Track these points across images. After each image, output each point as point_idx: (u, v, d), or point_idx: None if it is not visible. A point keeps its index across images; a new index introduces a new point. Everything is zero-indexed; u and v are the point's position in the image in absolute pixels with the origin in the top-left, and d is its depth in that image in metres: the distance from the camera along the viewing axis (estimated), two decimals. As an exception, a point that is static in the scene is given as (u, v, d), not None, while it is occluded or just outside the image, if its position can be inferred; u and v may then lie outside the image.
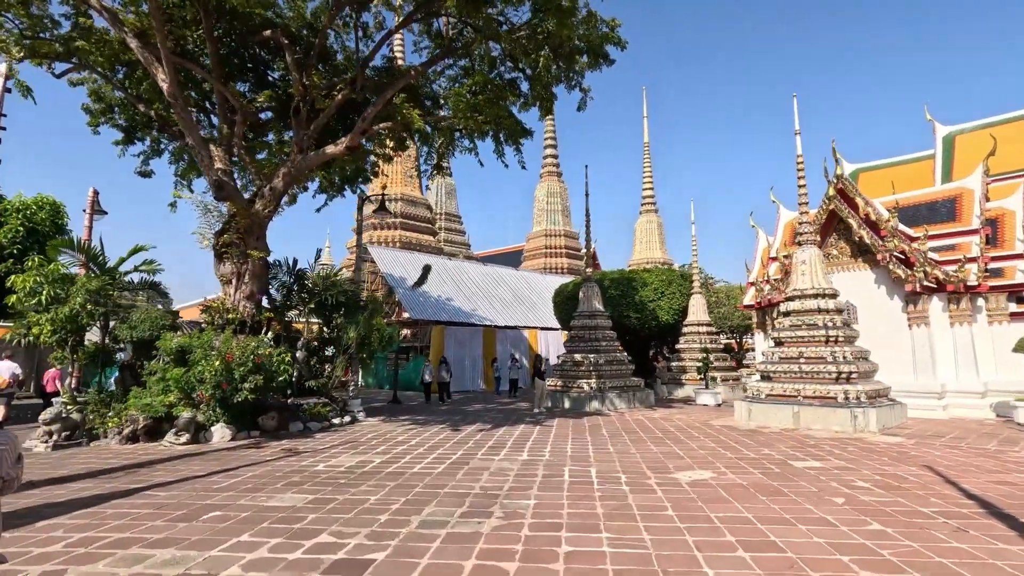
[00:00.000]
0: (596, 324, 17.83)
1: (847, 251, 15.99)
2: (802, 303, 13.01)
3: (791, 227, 19.06)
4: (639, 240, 59.52)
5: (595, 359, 17.07)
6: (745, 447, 9.63)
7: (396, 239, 41.55)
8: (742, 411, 13.01)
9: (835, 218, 16.08)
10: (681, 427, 12.41)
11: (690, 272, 23.95)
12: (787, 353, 12.83)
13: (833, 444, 9.84)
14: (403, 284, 28.16)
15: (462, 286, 31.38)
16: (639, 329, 23.56)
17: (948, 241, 15.39)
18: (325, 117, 12.69)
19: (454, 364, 25.00)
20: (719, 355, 22.14)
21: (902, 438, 10.45)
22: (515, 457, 8.82)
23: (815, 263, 13.16)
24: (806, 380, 12.29)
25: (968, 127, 23.83)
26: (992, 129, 22.40)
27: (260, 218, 12.53)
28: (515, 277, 36.90)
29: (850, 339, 12.58)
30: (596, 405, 16.13)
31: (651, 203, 60.14)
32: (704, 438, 10.74)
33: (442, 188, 62.19)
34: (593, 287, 18.51)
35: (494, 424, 13.04)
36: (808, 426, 11.73)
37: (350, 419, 13.47)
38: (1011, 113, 22.89)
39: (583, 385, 16.68)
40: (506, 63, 15.90)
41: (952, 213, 15.89)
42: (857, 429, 11.08)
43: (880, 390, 12.16)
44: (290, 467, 8.14)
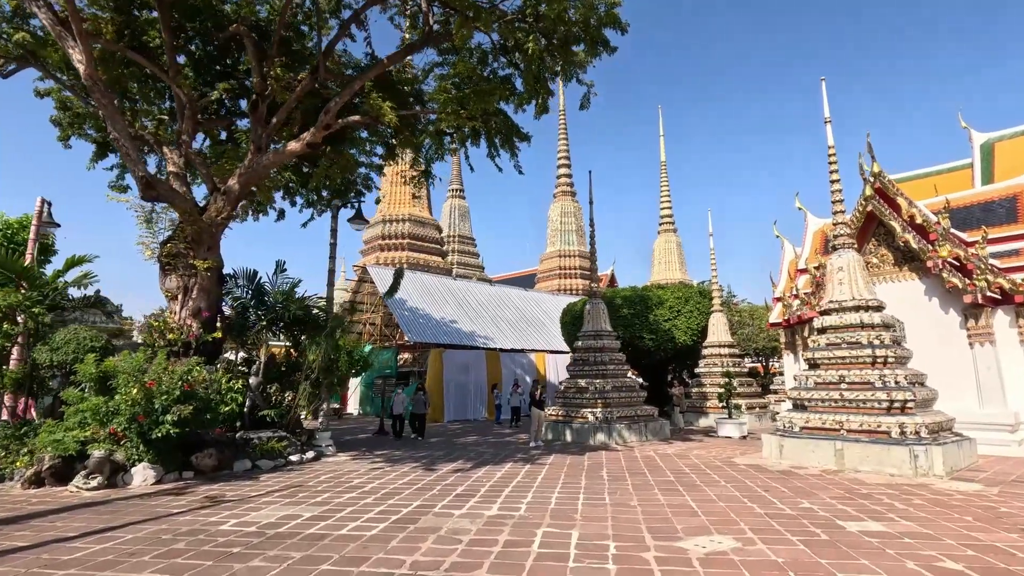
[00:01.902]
0: (603, 345, 15.90)
1: (889, 259, 13.89)
2: (841, 317, 10.96)
3: (821, 234, 17.03)
4: (657, 261, 57.45)
5: (601, 385, 15.09)
6: (778, 497, 7.59)
7: (403, 260, 40.26)
8: (772, 447, 10.90)
9: (874, 221, 14.04)
10: (698, 467, 10.35)
11: (709, 288, 21.92)
12: (824, 377, 10.75)
13: (892, 494, 7.72)
14: (403, 305, 26.61)
15: (466, 307, 29.73)
16: (654, 351, 21.46)
17: (1010, 246, 13.22)
18: (285, 111, 11.30)
19: (454, 391, 23.17)
20: (743, 380, 19.92)
21: (980, 485, 8.27)
22: (482, 511, 6.94)
23: (855, 270, 11.14)
24: (850, 410, 10.17)
25: (1008, 133, 21.78)
26: (1029, 137, 20.43)
27: (212, 225, 11.07)
28: (523, 297, 35.15)
29: (902, 360, 10.46)
30: (602, 438, 14.10)
31: (669, 222, 58.21)
32: (726, 482, 8.70)
33: (455, 210, 61.30)
34: (599, 304, 16.64)
35: (477, 462, 11.14)
36: (855, 467, 9.58)
37: (314, 455, 11.70)
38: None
39: (587, 415, 14.69)
40: (499, 58, 14.49)
41: (1013, 213, 13.74)
42: (919, 472, 8.91)
43: (943, 423, 9.97)
44: (191, 525, 6.39)
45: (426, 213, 44.37)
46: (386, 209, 43.27)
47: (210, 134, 15.26)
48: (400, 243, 41.56)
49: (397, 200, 43.71)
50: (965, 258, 12.48)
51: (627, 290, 23.77)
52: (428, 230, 43.50)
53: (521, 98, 13.72)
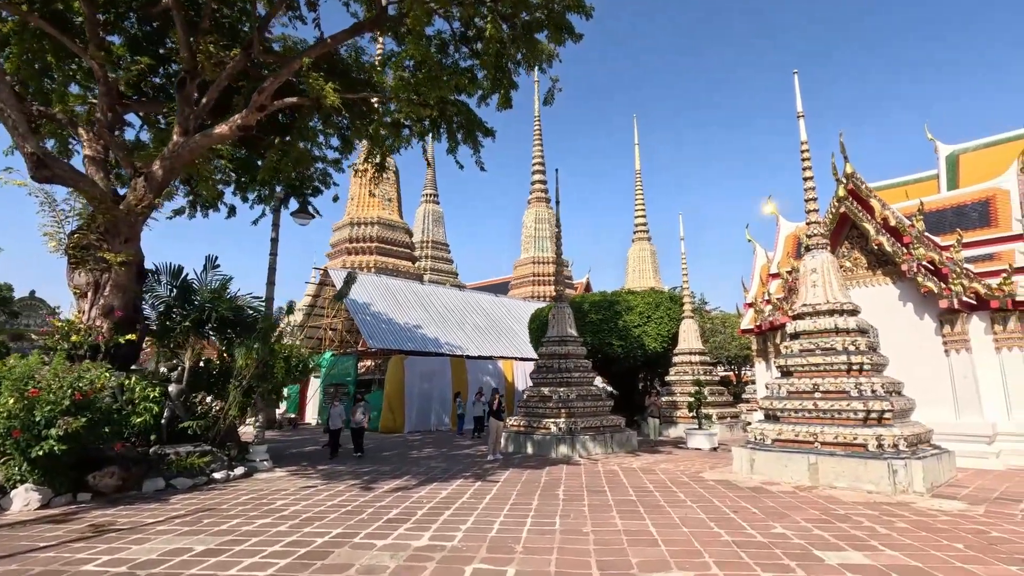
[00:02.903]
0: (568, 352, 15.05)
1: (863, 262, 13.38)
2: (814, 321, 10.30)
3: (793, 239, 16.54)
4: (632, 269, 57.13)
5: (565, 393, 14.22)
6: (748, 520, 6.77)
7: (371, 264, 39.02)
8: (743, 461, 10.14)
9: (847, 223, 13.54)
10: (664, 483, 9.52)
11: (680, 294, 21.32)
12: (797, 386, 10.05)
13: (872, 515, 6.98)
14: (367, 310, 25.43)
15: (433, 312, 28.66)
16: (623, 358, 20.75)
17: (984, 250, 12.82)
18: (216, 90, 10.22)
19: (417, 399, 22.05)
20: (715, 389, 19.31)
21: (963, 503, 7.60)
22: (409, 541, 5.96)
23: (829, 271, 10.51)
24: (824, 421, 9.47)
25: (972, 146, 21.93)
26: (997, 148, 20.50)
27: (129, 214, 9.89)
28: (494, 303, 34.22)
29: (879, 367, 9.82)
30: (565, 451, 13.21)
31: (643, 230, 57.99)
32: (692, 502, 7.87)
33: (429, 216, 60.24)
34: (565, 309, 15.80)
35: (424, 479, 10.12)
36: (830, 483, 8.86)
37: (244, 472, 10.54)
38: (1017, 131, 20.85)
39: (550, 425, 13.78)
40: (460, 49, 13.65)
41: (986, 217, 13.36)
42: (898, 489, 8.22)
43: (921, 434, 9.34)
44: (47, 564, 5.26)
45: (396, 216, 43.22)
46: (355, 211, 42.01)
47: (147, 119, 14.05)
48: (368, 247, 40.33)
49: (366, 202, 42.50)
50: (940, 262, 12.01)
51: (596, 295, 23.08)
52: (398, 234, 42.33)
53: (480, 86, 12.91)
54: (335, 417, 13.19)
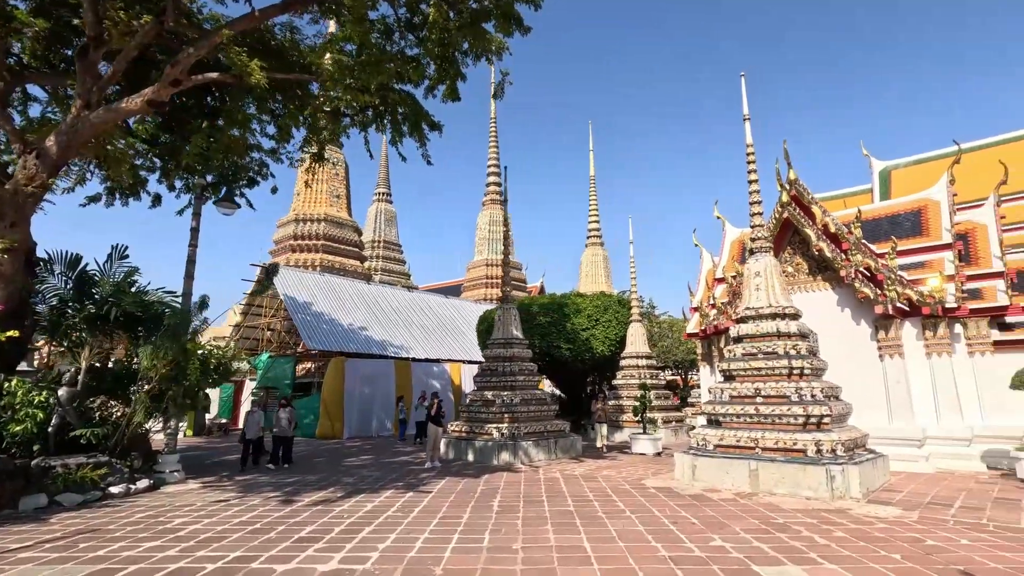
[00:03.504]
0: (513, 354, 14.58)
1: (804, 268, 13.53)
2: (757, 325, 10.20)
3: (739, 244, 16.66)
4: (584, 273, 57.58)
5: (509, 398, 13.72)
6: (687, 532, 6.44)
7: (316, 263, 37.50)
8: (684, 467, 9.90)
9: (789, 229, 13.67)
10: (604, 492, 9.15)
11: (629, 298, 21.25)
12: (740, 390, 9.92)
13: (810, 524, 6.78)
14: (308, 310, 24.22)
15: (379, 313, 27.67)
16: (571, 362, 20.47)
17: (916, 258, 13.16)
18: (124, 60, 9.20)
19: (357, 404, 21.05)
20: (660, 393, 19.28)
21: (899, 509, 7.54)
22: (314, 566, 5.29)
23: (772, 275, 10.46)
24: (765, 426, 9.35)
25: (903, 162, 23.16)
26: (925, 165, 21.64)
27: (16, 194, 8.74)
28: (444, 304, 33.47)
29: (818, 372, 9.80)
30: (506, 457, 12.70)
31: (597, 235, 58.59)
32: (631, 512, 7.50)
33: (381, 215, 58.84)
34: (511, 310, 15.33)
35: (350, 491, 9.38)
36: (770, 490, 8.71)
37: (149, 485, 9.50)
38: (943, 149, 22.02)
39: (492, 431, 13.25)
40: (406, 36, 13.00)
41: (918, 227, 13.77)
42: (836, 495, 8.12)
43: (858, 439, 9.35)
44: None
45: (345, 214, 41.79)
46: (301, 207, 40.37)
47: (56, 96, 12.71)
48: (314, 244, 38.79)
49: (313, 198, 40.95)
50: (876, 269, 12.22)
51: (545, 297, 22.78)
52: (346, 232, 40.92)
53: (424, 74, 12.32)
54: (252, 425, 12.02)
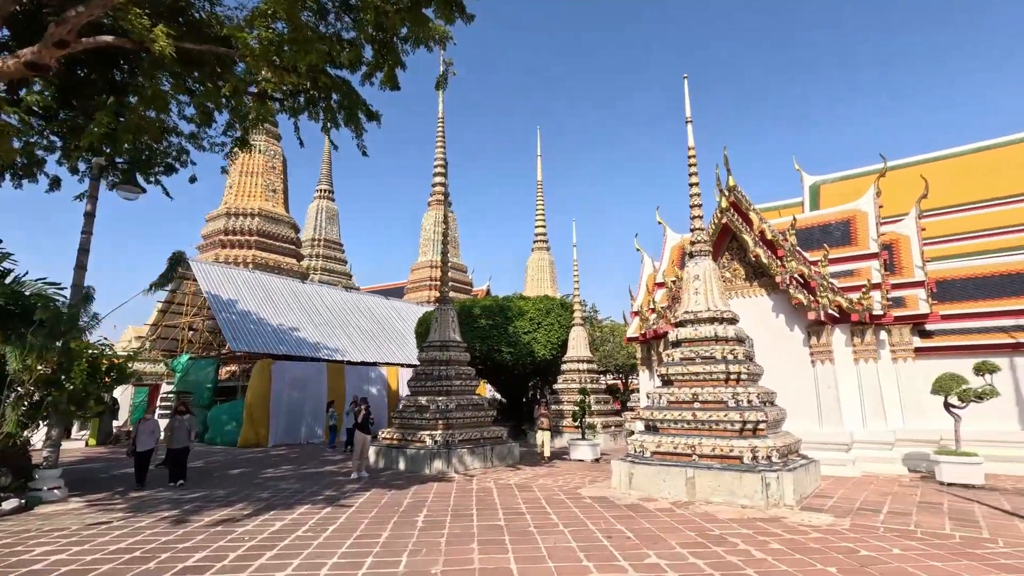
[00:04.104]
0: (450, 358, 13.93)
1: (741, 273, 13.64)
2: (696, 329, 10.06)
3: (679, 249, 16.73)
4: (530, 277, 57.61)
5: (444, 403, 13.07)
6: (621, 548, 6.04)
7: (249, 259, 35.49)
8: (621, 475, 9.59)
9: (728, 234, 13.76)
10: (538, 502, 8.68)
11: (571, 302, 21.05)
12: (678, 395, 9.72)
13: (747, 535, 6.54)
14: (233, 308, 22.62)
15: (313, 314, 26.30)
16: (512, 366, 20.04)
17: (846, 266, 13.54)
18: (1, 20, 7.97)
19: (285, 409, 19.76)
20: (600, 397, 19.13)
21: (831, 516, 7.46)
22: (193, 603, 4.49)
23: (711, 279, 10.36)
24: (703, 432, 9.16)
25: (831, 177, 24.28)
26: (852, 180, 22.75)
27: None
28: (383, 306, 32.33)
29: (755, 377, 9.74)
30: (439, 466, 12.04)
31: (543, 240, 58.78)
32: (564, 526, 7.05)
33: (322, 212, 56.72)
34: (449, 311, 14.70)
35: (261, 507, 8.47)
36: (707, 498, 8.50)
37: (18, 505, 8.23)
38: (869, 167, 23.22)
39: (425, 438, 12.56)
40: (343, 18, 12.17)
41: (847, 236, 14.20)
42: (771, 503, 7.99)
43: (792, 444, 9.33)
44: None
45: (281, 209, 39.81)
46: (233, 200, 38.16)
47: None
48: (247, 240, 36.72)
49: (247, 191, 38.83)
50: (809, 275, 12.43)
51: (487, 299, 22.27)
52: (282, 228, 39.00)
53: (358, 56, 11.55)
54: (144, 435, 10.61)
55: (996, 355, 11.47)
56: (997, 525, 6.96)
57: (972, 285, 13.29)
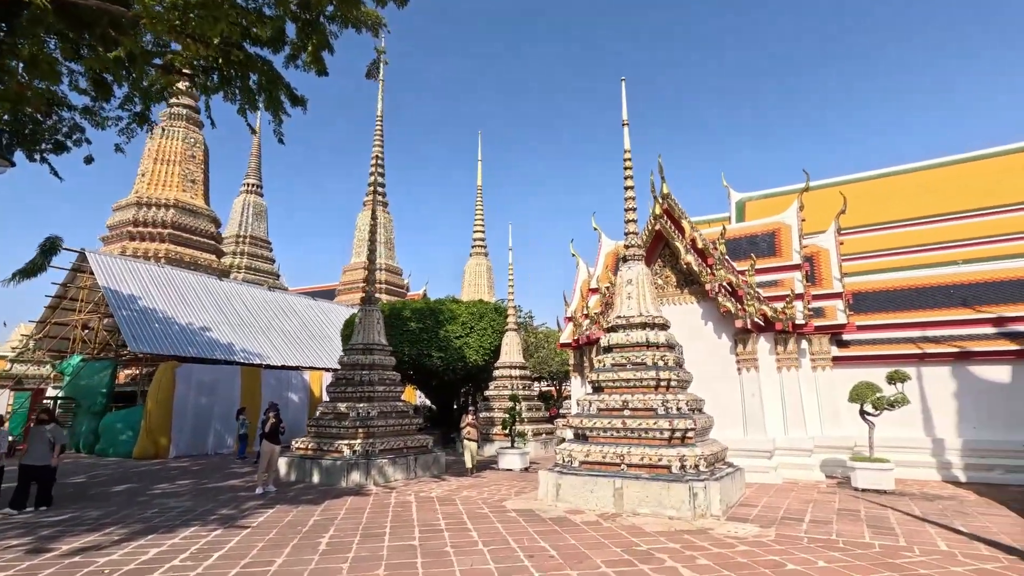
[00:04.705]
0: (373, 362, 13.08)
1: (673, 280, 13.67)
2: (627, 334, 9.83)
3: (614, 255, 16.67)
4: (468, 283, 56.89)
5: (365, 410, 12.21)
6: (543, 567, 5.55)
7: (161, 254, 32.76)
8: (548, 486, 9.15)
9: (661, 241, 13.77)
10: (460, 517, 8.08)
11: (506, 306, 20.61)
12: (608, 402, 9.42)
13: (674, 550, 6.23)
14: (134, 305, 20.55)
15: (230, 314, 24.44)
16: (443, 371, 19.33)
17: (771, 276, 13.87)
18: None
19: (191, 417, 18.04)
20: (532, 404, 18.77)
21: (757, 527, 7.32)
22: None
23: (644, 284, 10.19)
24: (632, 441, 8.89)
25: (756, 195, 25.33)
26: (776, 198, 23.78)
27: None
28: (311, 307, 30.69)
29: (684, 384, 9.62)
30: (357, 478, 11.17)
31: (481, 246, 58.28)
32: (484, 544, 6.49)
33: (249, 207, 53.60)
34: (374, 312, 13.84)
35: (135, 531, 7.37)
36: (634, 509, 8.20)
37: None
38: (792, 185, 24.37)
39: (342, 448, 11.64)
40: (266, -8, 11.18)
41: (772, 247, 14.59)
42: (698, 513, 7.78)
43: (719, 453, 9.24)
44: None
45: (201, 201, 37.11)
46: (145, 189, 35.20)
47: None
48: (159, 233, 33.93)
49: (162, 180, 35.96)
50: (737, 284, 12.59)
51: (418, 302, 21.47)
52: (201, 222, 36.33)
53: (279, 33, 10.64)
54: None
55: (905, 364, 12.00)
56: (911, 532, 7.05)
57: (884, 298, 13.96)
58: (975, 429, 11.57)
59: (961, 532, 7.02)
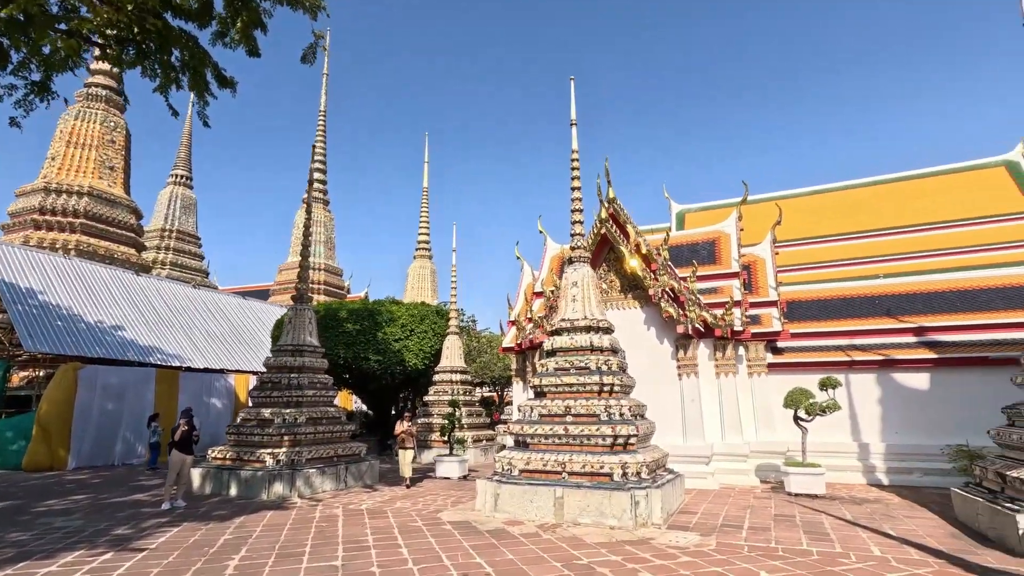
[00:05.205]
0: (303, 364, 12.22)
1: (617, 285, 13.60)
2: (571, 338, 9.56)
3: (559, 259, 16.49)
4: (411, 286, 55.69)
5: (292, 416, 11.34)
6: (477, 589, 5.10)
7: (72, 245, 30.00)
8: (486, 496, 8.71)
9: (606, 245, 13.68)
10: (390, 532, 7.49)
11: (448, 309, 20.04)
12: (550, 408, 9.10)
13: (615, 563, 5.94)
14: (32, 299, 18.52)
15: (148, 312, 22.57)
16: (381, 375, 18.51)
17: (711, 284, 14.06)
18: None
19: (95, 424, 16.34)
20: (473, 410, 18.28)
21: (698, 535, 7.16)
22: None
23: (589, 286, 9.97)
24: (573, 448, 8.60)
25: (695, 207, 26.09)
26: (714, 211, 24.56)
27: None
28: (241, 307, 28.94)
29: (627, 389, 9.44)
30: (280, 490, 10.31)
31: (426, 248, 57.29)
32: (415, 562, 5.96)
33: (176, 200, 50.25)
34: (305, 311, 12.97)
35: (5, 557, 6.34)
36: (575, 519, 7.89)
37: None
38: (729, 199, 25.22)
39: (265, 458, 10.74)
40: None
41: (712, 255, 14.83)
42: (639, 522, 7.56)
43: (660, 459, 9.11)
44: None
45: (120, 191, 34.34)
46: (55, 174, 32.23)
47: None
48: (70, 222, 31.08)
49: (75, 165, 33.03)
50: (679, 290, 12.65)
51: (356, 302, 20.58)
52: (120, 212, 33.57)
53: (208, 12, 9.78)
54: None
55: (835, 371, 12.40)
56: (845, 537, 7.09)
57: (816, 307, 14.46)
58: (897, 434, 12.08)
59: (891, 536, 7.13)
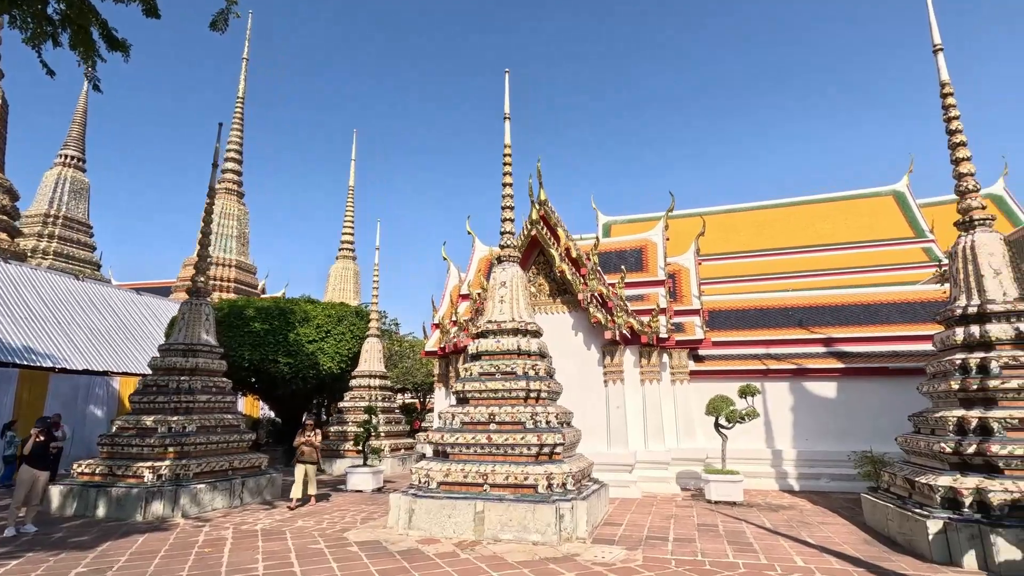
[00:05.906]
0: (196, 365, 10.85)
1: (546, 289, 13.26)
2: (498, 341, 9.03)
3: (487, 261, 15.97)
4: (332, 287, 53.10)
5: (180, 424, 9.99)
6: (381, 625, 4.39)
7: (-76, 226, 25.87)
8: (400, 512, 7.94)
9: (536, 248, 13.32)
10: (285, 556, 6.57)
11: (368, 310, 18.94)
12: (473, 415, 8.50)
13: (539, 585, 5.42)
14: None
15: (17, 305, 19.70)
16: (291, 379, 17.11)
17: (638, 291, 14.05)
18: None
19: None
20: (392, 417, 17.30)
21: (623, 549, 6.81)
22: None
23: (518, 287, 9.49)
24: (497, 458, 8.04)
25: (620, 219, 26.74)
26: (639, 223, 25.18)
27: None
28: (134, 303, 26.11)
29: (554, 396, 9.03)
30: (160, 509, 8.98)
31: (350, 248, 54.93)
32: (310, 595, 5.14)
33: (64, 183, 45.14)
34: (202, 307, 11.59)
35: None
36: (496, 535, 7.32)
37: None
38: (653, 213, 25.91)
39: (144, 472, 9.34)
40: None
41: (640, 263, 14.88)
42: (564, 537, 7.10)
43: (585, 469, 8.74)
44: None
45: (-9, 167, 30.08)
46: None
47: None
48: (-76, 200, 26.82)
49: (-66, 137, 28.64)
50: (607, 296, 12.49)
51: (266, 300, 19.02)
52: (-11, 191, 29.38)
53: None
54: None
55: (753, 379, 12.67)
56: (768, 547, 7.00)
57: (735, 316, 14.85)
58: (807, 440, 12.51)
59: (810, 544, 7.12)
